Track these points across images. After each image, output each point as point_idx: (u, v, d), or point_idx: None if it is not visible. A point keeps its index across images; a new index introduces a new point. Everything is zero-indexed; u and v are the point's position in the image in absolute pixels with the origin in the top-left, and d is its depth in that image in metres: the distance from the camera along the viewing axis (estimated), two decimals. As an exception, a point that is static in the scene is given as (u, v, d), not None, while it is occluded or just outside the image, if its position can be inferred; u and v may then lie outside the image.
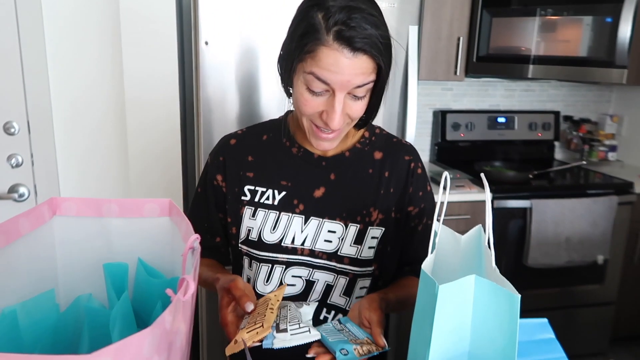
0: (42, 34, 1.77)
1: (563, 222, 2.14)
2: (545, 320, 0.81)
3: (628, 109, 2.74)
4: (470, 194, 2.11)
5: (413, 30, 1.69)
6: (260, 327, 0.66)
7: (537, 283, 2.26)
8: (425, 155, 2.72)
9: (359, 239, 0.89)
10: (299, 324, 0.72)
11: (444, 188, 0.63)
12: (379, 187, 0.91)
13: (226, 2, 1.55)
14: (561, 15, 2.03)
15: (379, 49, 0.74)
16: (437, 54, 2.21)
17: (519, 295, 0.50)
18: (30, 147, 1.88)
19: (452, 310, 0.52)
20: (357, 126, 0.88)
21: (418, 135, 2.67)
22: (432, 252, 0.59)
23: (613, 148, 2.70)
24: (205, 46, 1.56)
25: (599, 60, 1.97)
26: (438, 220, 0.68)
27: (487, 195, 0.61)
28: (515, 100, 2.75)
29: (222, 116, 1.63)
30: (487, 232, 0.61)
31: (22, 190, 1.91)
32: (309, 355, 0.70)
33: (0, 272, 0.52)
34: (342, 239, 0.89)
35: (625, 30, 1.81)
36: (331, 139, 0.82)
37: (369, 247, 0.90)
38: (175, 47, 1.78)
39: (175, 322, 0.39)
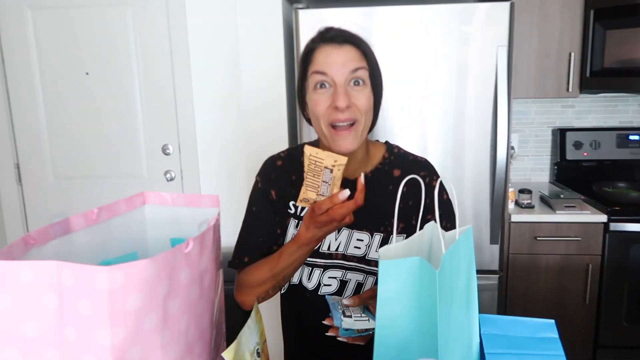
0: (190, 80, 2.23)
1: (699, 250, 1.91)
2: (552, 321, 0.85)
3: None
4: (582, 215, 2.01)
5: (502, 51, 1.73)
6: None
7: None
8: (544, 175, 2.62)
9: (383, 246, 1.01)
10: (360, 314, 0.92)
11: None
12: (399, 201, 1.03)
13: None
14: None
15: (360, 43, 0.93)
16: (546, 71, 2.17)
17: (437, 271, 0.61)
18: (180, 164, 2.35)
19: (396, 284, 0.65)
20: (372, 126, 1.02)
21: (536, 154, 2.60)
22: (395, 242, 0.72)
23: None
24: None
25: None
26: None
27: (453, 195, 0.72)
28: (653, 116, 2.51)
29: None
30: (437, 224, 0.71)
31: (172, 199, 2.38)
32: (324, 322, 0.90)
33: (104, 235, 0.80)
34: (369, 246, 1.04)
35: None
36: (347, 135, 0.93)
37: None
38: (283, 81, 2.09)
39: (175, 263, 0.61)
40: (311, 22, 1.80)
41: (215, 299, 0.76)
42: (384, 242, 1.04)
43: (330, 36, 0.92)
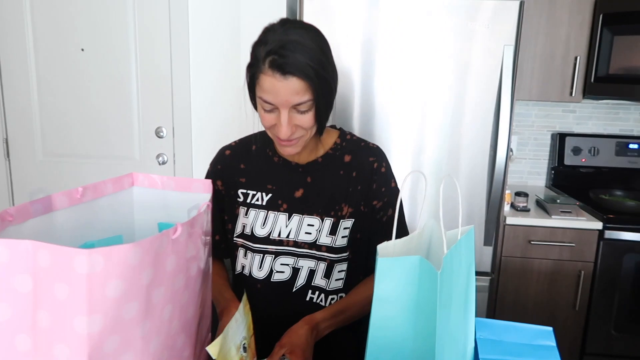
0: (188, 62, 2.17)
1: (692, 262, 1.90)
2: (550, 328, 0.82)
3: None
4: (577, 221, 1.99)
5: (508, 50, 1.70)
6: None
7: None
8: (541, 179, 2.60)
9: (333, 230, 1.03)
10: None
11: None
12: (348, 186, 1.05)
13: (326, 30, 1.76)
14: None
15: (307, 73, 0.87)
16: (551, 74, 2.14)
17: (439, 272, 0.58)
18: (173, 148, 2.30)
19: (394, 283, 0.62)
20: (320, 132, 1.01)
21: (534, 157, 2.57)
22: (394, 239, 0.69)
23: None
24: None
25: None
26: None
27: (459, 198, 0.68)
28: (654, 126, 2.49)
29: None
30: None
31: (164, 183, 2.33)
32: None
33: (88, 215, 0.76)
34: (319, 231, 1.03)
35: None
36: (292, 145, 0.97)
37: (342, 237, 1.03)
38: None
39: (160, 249, 0.57)
40: (317, 9, 1.75)
41: (201, 289, 0.72)
42: (334, 226, 1.04)
43: (277, 64, 0.87)
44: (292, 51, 0.87)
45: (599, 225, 1.98)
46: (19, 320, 0.52)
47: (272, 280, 1.06)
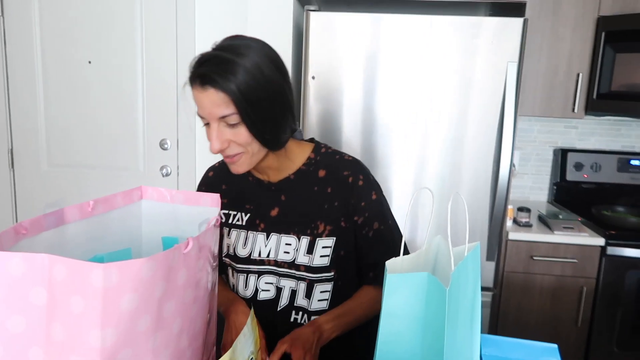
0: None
1: (695, 280, 1.90)
2: (555, 345, 0.83)
3: None
4: (579, 237, 1.99)
5: (512, 67, 1.72)
6: None
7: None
8: (543, 195, 2.60)
9: (310, 249, 1.00)
10: None
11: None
12: (323, 203, 1.02)
13: (330, 46, 1.78)
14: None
15: (224, 85, 0.85)
16: (554, 91, 2.16)
17: (447, 289, 0.59)
18: (177, 160, 2.31)
19: (402, 299, 0.62)
20: (269, 148, 0.96)
21: (536, 173, 2.58)
22: (402, 255, 0.69)
23: None
24: (312, 80, 1.80)
25: None
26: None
27: (465, 213, 0.69)
28: (655, 142, 2.50)
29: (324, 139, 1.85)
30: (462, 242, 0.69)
31: (167, 194, 2.34)
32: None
33: (98, 228, 0.76)
34: (297, 250, 1.01)
35: None
36: (234, 162, 0.95)
37: (321, 256, 1.01)
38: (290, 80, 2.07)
39: (173, 263, 0.58)
40: (322, 25, 1.78)
41: (209, 303, 0.73)
42: (311, 245, 1.01)
43: (196, 75, 0.87)
44: (214, 63, 0.86)
45: (601, 241, 1.98)
46: (33, 332, 0.52)
47: (258, 299, 1.05)
